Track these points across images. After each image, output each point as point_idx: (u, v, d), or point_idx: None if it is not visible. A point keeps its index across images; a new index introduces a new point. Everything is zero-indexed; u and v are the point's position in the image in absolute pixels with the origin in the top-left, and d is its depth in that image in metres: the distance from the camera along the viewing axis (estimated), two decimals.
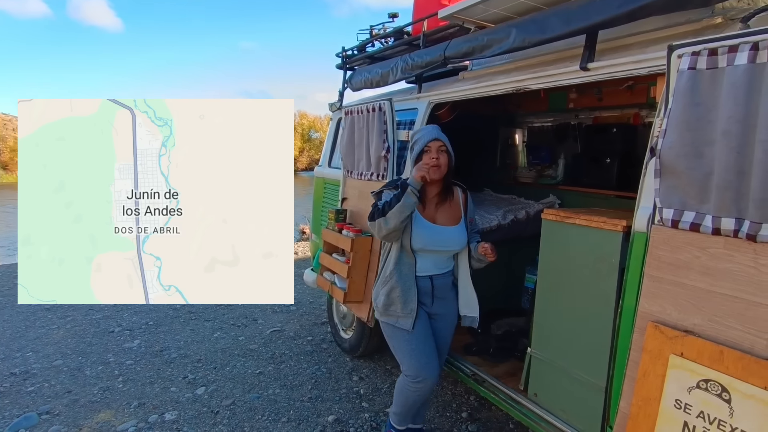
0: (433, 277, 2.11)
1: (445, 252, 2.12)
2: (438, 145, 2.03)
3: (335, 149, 3.94)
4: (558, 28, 1.86)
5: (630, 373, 1.52)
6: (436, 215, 2.11)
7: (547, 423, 2.04)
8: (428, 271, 2.11)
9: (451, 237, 2.09)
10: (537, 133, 4.11)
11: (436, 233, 2.07)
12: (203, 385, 3.14)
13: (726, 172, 1.25)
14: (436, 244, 2.08)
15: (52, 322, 4.26)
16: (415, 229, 2.04)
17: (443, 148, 2.04)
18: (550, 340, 2.09)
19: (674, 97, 1.36)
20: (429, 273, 2.11)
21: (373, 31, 3.47)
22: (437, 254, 2.11)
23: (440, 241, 2.08)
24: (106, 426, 2.68)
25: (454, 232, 2.09)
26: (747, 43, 1.19)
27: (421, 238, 2.04)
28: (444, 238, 2.08)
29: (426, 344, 2.10)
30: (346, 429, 2.66)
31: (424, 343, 2.09)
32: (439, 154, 2.03)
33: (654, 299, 1.46)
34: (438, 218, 2.10)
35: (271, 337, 3.97)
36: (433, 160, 2.01)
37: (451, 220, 2.11)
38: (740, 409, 1.23)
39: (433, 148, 2.03)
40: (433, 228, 2.07)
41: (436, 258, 2.12)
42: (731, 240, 1.28)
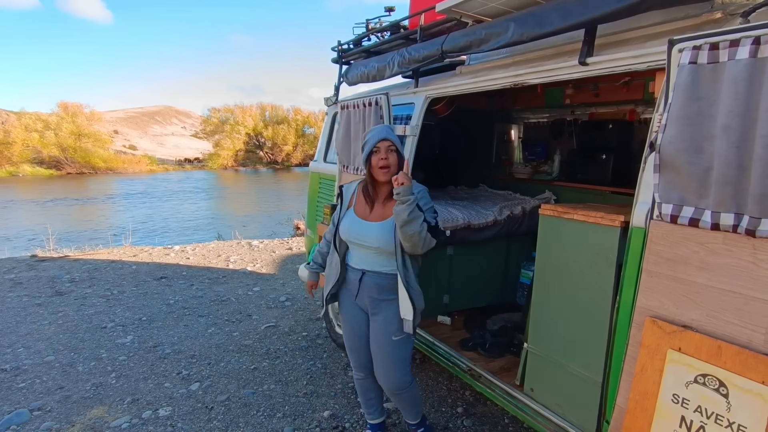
0: (365, 273, 2.10)
1: (366, 247, 2.07)
2: (387, 145, 2.02)
3: (330, 144, 3.91)
4: (557, 23, 1.85)
5: (627, 368, 1.53)
6: (373, 211, 2.09)
7: (544, 418, 2.04)
8: (359, 264, 2.12)
9: (369, 232, 2.04)
10: (533, 129, 4.11)
11: (356, 226, 2.09)
12: (197, 381, 3.12)
13: (726, 167, 1.25)
14: (356, 237, 2.08)
15: (43, 318, 4.21)
16: (342, 220, 2.14)
17: (392, 148, 2.03)
18: (546, 336, 2.09)
19: (674, 91, 1.36)
20: (360, 267, 2.12)
21: (369, 24, 3.43)
22: (363, 249, 2.10)
23: (359, 235, 2.07)
24: (99, 422, 2.65)
25: (374, 228, 2.04)
26: (748, 37, 1.18)
27: (344, 230, 2.12)
28: (363, 231, 2.06)
29: (354, 337, 2.23)
30: (341, 424, 2.65)
31: (352, 336, 2.24)
32: (388, 154, 2.02)
33: (652, 294, 1.46)
34: (371, 214, 2.09)
35: (266, 332, 3.95)
36: (382, 161, 2.01)
37: (381, 216, 2.07)
38: (738, 403, 1.24)
39: (382, 148, 2.02)
40: (355, 221, 2.10)
41: (364, 253, 2.10)
42: (730, 235, 1.28)
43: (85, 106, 38.15)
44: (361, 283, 2.11)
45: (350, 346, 2.28)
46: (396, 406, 2.34)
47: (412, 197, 1.89)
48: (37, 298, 4.76)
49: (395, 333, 2.08)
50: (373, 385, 2.32)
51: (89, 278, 5.51)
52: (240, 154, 42.31)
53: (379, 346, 2.13)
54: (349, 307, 2.22)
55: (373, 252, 2.07)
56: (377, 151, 2.03)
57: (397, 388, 2.15)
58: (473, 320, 3.12)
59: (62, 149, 33.70)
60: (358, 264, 2.13)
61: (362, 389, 2.37)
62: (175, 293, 4.98)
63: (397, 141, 2.06)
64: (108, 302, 4.67)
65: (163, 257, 6.66)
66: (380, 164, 2.02)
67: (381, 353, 2.13)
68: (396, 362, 2.12)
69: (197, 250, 7.15)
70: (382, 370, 2.15)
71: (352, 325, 2.23)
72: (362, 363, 2.27)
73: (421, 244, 1.93)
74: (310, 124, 43.14)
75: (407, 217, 1.87)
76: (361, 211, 2.12)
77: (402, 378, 2.14)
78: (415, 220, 1.89)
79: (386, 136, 2.03)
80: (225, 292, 5.06)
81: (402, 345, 2.11)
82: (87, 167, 34.47)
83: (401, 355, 2.13)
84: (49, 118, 35.72)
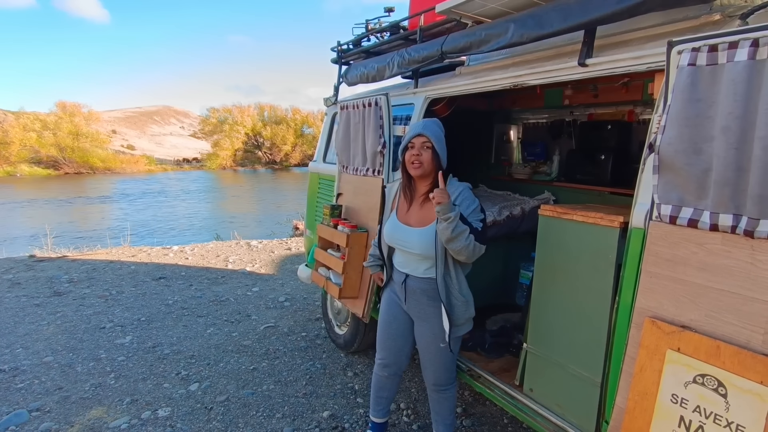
0: (408, 276, 2.10)
1: (408, 252, 2.05)
2: (422, 141, 1.97)
3: (330, 144, 3.91)
4: (556, 24, 1.85)
5: (627, 368, 1.53)
6: (414, 213, 2.06)
7: (543, 418, 2.05)
8: (403, 267, 2.12)
9: (411, 238, 2.01)
10: (532, 129, 4.12)
11: (397, 230, 2.07)
12: (197, 382, 3.11)
13: (725, 168, 1.25)
14: (398, 242, 2.07)
15: (42, 318, 4.21)
16: (385, 224, 2.14)
17: (427, 145, 1.97)
18: (545, 336, 2.10)
19: (674, 93, 1.36)
20: (404, 270, 2.12)
21: (369, 25, 3.44)
22: (404, 253, 2.09)
23: (400, 240, 2.05)
24: (98, 423, 2.65)
25: (415, 234, 1.99)
26: (747, 39, 1.19)
27: (387, 234, 2.11)
28: (405, 237, 2.03)
29: (390, 332, 2.23)
30: (341, 425, 2.66)
31: (388, 336, 2.24)
32: (422, 150, 1.97)
33: (651, 295, 1.47)
34: (412, 217, 2.06)
35: (265, 333, 3.95)
36: (413, 157, 1.98)
37: (422, 220, 2.02)
38: (736, 403, 1.25)
39: (417, 144, 1.98)
40: (397, 226, 2.08)
41: (406, 257, 2.09)
42: (729, 236, 1.29)
43: (83, 105, 38.17)
44: (407, 288, 2.10)
45: (385, 344, 2.27)
46: (432, 411, 2.30)
47: (452, 214, 1.79)
48: (36, 299, 4.75)
49: (443, 341, 2.07)
50: (392, 384, 2.34)
51: (88, 278, 5.50)
52: (238, 154, 42.31)
53: (428, 351, 2.14)
54: (393, 306, 2.21)
55: (415, 257, 2.05)
56: (411, 147, 1.99)
57: (443, 384, 2.20)
58: (473, 320, 3.12)
59: (60, 149, 33.65)
60: (402, 266, 2.12)
61: (378, 386, 2.36)
62: (173, 293, 4.98)
63: (435, 137, 1.98)
64: (106, 302, 4.66)
65: (162, 257, 6.65)
66: (411, 159, 1.98)
67: (431, 357, 2.15)
68: (446, 364, 2.16)
69: (196, 251, 7.14)
70: (431, 372, 2.18)
71: (391, 325, 2.23)
72: (391, 361, 2.28)
73: (469, 255, 1.88)
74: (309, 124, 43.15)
75: (451, 235, 1.80)
76: (402, 215, 2.10)
77: (449, 375, 2.20)
78: (460, 235, 1.81)
79: (422, 132, 1.97)
80: (224, 292, 5.05)
81: (448, 348, 2.12)
82: (85, 167, 34.43)
83: (451, 357, 2.15)
84: (47, 117, 35.69)
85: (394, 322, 2.22)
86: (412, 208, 2.09)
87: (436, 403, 2.27)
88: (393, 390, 2.38)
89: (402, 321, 2.21)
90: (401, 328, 2.21)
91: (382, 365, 2.31)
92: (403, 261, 2.12)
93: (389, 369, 2.29)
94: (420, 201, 2.06)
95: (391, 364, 2.28)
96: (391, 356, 2.27)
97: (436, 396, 2.25)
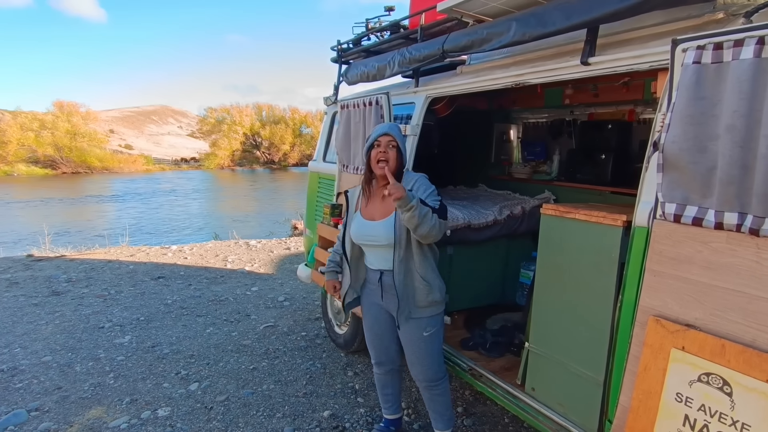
0: (383, 273, 2.12)
1: (377, 246, 2.09)
2: (387, 140, 2.04)
3: (330, 144, 3.91)
4: (559, 23, 1.85)
5: (630, 367, 1.53)
6: (377, 208, 2.12)
7: (545, 417, 2.04)
8: (376, 265, 2.15)
9: (376, 230, 2.06)
10: (532, 129, 4.12)
11: (363, 227, 2.11)
12: (196, 381, 3.10)
13: (730, 166, 1.25)
14: (366, 238, 2.11)
15: (40, 318, 4.19)
16: (351, 224, 2.17)
17: (393, 143, 2.04)
18: (548, 335, 2.09)
19: (678, 91, 1.36)
20: (378, 267, 2.14)
21: (369, 24, 3.43)
22: (374, 248, 2.11)
23: (368, 235, 2.09)
24: (98, 423, 2.64)
25: (379, 226, 2.06)
26: (753, 37, 1.19)
27: (354, 233, 2.14)
28: (370, 231, 2.08)
29: (375, 332, 2.27)
30: (341, 424, 2.65)
31: (375, 335, 2.28)
32: (388, 149, 2.04)
33: (655, 293, 1.46)
34: (375, 212, 2.11)
35: (265, 332, 3.94)
36: (380, 155, 2.03)
37: (384, 212, 2.09)
38: (742, 402, 1.24)
39: (383, 142, 2.04)
40: (362, 223, 2.12)
41: (376, 253, 2.12)
42: (734, 234, 1.29)
43: (80, 105, 38.02)
44: (383, 284, 2.13)
45: (372, 344, 2.33)
46: (429, 408, 2.31)
47: (413, 202, 1.85)
48: (34, 298, 4.73)
49: (426, 329, 2.10)
50: (392, 381, 2.40)
51: (86, 278, 5.48)
52: (237, 154, 42.25)
53: (413, 344, 2.15)
54: (372, 307, 2.24)
55: (384, 250, 2.08)
56: (378, 145, 2.05)
57: (433, 379, 2.19)
58: (473, 320, 3.12)
59: (58, 148, 33.53)
60: (374, 264, 2.15)
61: (381, 384, 2.42)
62: (173, 293, 4.96)
63: (399, 137, 2.08)
64: (105, 302, 4.64)
65: (161, 257, 6.63)
66: (378, 157, 2.03)
67: (416, 350, 2.15)
68: (432, 355, 2.16)
69: (195, 250, 7.13)
70: (418, 365, 2.17)
71: (376, 324, 2.27)
72: (383, 360, 2.34)
73: (437, 234, 1.94)
74: (308, 124, 43.11)
75: (418, 221, 1.85)
76: (364, 211, 2.15)
77: (438, 369, 2.20)
78: (425, 218, 1.86)
79: (388, 131, 2.06)
80: (223, 291, 5.04)
81: (434, 338, 2.14)
82: (83, 167, 34.32)
83: (436, 348, 2.17)
84: (45, 117, 35.56)
85: (376, 324, 2.26)
86: (373, 203, 2.14)
87: (431, 401, 2.28)
88: (396, 386, 2.43)
89: (384, 320, 2.23)
90: (384, 327, 2.25)
91: (376, 365, 2.38)
92: (374, 258, 2.15)
93: (384, 366, 2.36)
94: (381, 196, 2.12)
95: (384, 362, 2.34)
96: (382, 355, 2.33)
97: (429, 394, 2.25)
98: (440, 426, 2.30)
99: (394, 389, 2.43)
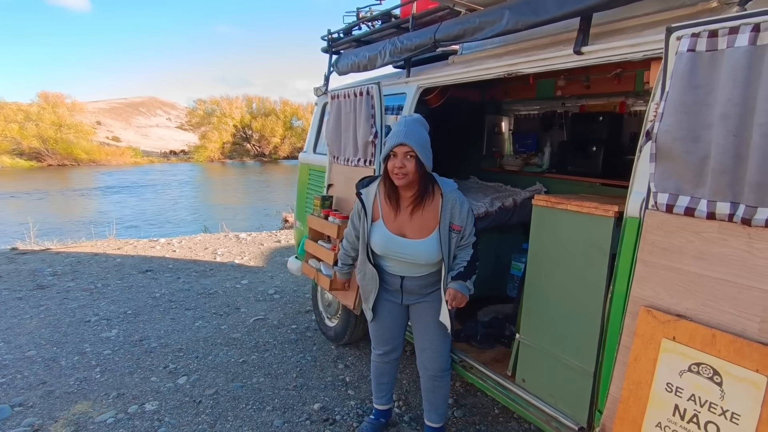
0: (405, 278, 2.09)
1: (411, 263, 2.02)
2: (404, 150, 1.87)
3: (320, 135, 3.86)
4: (552, 11, 1.82)
5: (621, 358, 1.53)
6: (407, 223, 1.99)
7: (535, 408, 2.05)
8: (399, 272, 2.09)
9: (412, 251, 1.97)
10: (523, 120, 4.10)
11: (391, 243, 1.99)
12: (185, 375, 3.07)
13: (723, 155, 1.24)
14: (393, 254, 2.02)
15: (24, 312, 4.11)
16: (373, 235, 2.03)
17: (411, 154, 1.87)
18: (538, 326, 2.09)
19: (672, 79, 1.34)
20: (400, 273, 2.09)
21: (359, 13, 3.38)
22: (403, 262, 2.04)
23: (397, 252, 2.00)
24: (84, 417, 2.59)
25: (418, 247, 1.95)
26: (748, 24, 1.17)
27: (379, 245, 2.03)
28: (402, 250, 1.99)
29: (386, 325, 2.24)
30: (332, 417, 2.63)
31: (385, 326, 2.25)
32: (405, 162, 1.87)
33: (646, 284, 1.46)
34: (407, 227, 1.99)
35: (255, 325, 3.90)
36: (397, 168, 1.88)
37: (420, 230, 1.97)
38: (731, 391, 1.24)
39: (399, 153, 1.88)
40: (389, 237, 1.99)
41: (403, 265, 2.05)
42: (726, 224, 1.28)
43: (66, 96, 37.35)
44: (403, 288, 2.11)
45: (383, 336, 2.28)
46: (425, 399, 2.30)
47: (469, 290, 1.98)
48: (18, 292, 4.64)
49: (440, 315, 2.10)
50: (391, 369, 2.38)
51: (72, 271, 5.39)
52: (227, 147, 41.85)
53: (428, 329, 2.14)
54: (386, 304, 2.20)
55: (419, 266, 2.04)
56: (394, 156, 1.90)
57: (442, 369, 2.19)
58: (464, 311, 3.11)
59: (43, 140, 32.93)
60: (396, 270, 2.09)
61: (379, 372, 2.39)
62: (161, 286, 4.90)
63: (418, 143, 1.87)
64: (91, 296, 4.57)
65: (149, 250, 6.55)
66: (395, 171, 1.89)
67: (430, 335, 2.13)
68: (444, 343, 2.16)
69: (183, 243, 7.05)
70: (431, 352, 2.16)
71: (389, 317, 2.22)
72: (387, 349, 2.31)
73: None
74: (299, 116, 42.79)
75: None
76: (391, 223, 2.02)
77: (447, 359, 2.20)
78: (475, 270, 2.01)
79: (404, 141, 1.86)
80: (212, 285, 4.99)
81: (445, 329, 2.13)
82: (69, 159, 33.76)
83: (447, 337, 2.17)
84: (30, 108, 34.87)
85: (389, 317, 2.22)
86: (401, 216, 2.01)
87: (431, 393, 2.26)
88: (393, 375, 2.42)
89: (396, 312, 2.22)
90: (396, 319, 2.23)
91: (383, 354, 2.33)
92: (399, 268, 2.08)
93: (389, 355, 2.34)
94: (409, 209, 1.99)
95: (392, 350, 2.32)
96: (390, 344, 2.30)
97: (432, 384, 2.23)
98: (434, 419, 2.30)
99: (390, 378, 2.41)
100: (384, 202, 2.04)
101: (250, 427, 2.54)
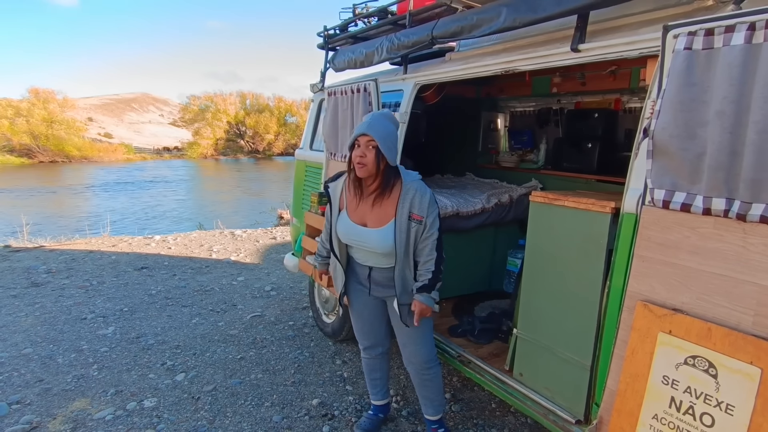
0: (372, 269, 2.11)
1: (368, 250, 2.05)
2: (366, 140, 1.89)
3: (317, 131, 3.86)
4: (549, 8, 1.84)
5: (618, 352, 1.55)
6: (368, 213, 2.02)
7: (533, 402, 2.07)
8: (365, 261, 2.12)
9: (368, 238, 2.00)
10: (519, 117, 4.13)
11: (352, 231, 2.04)
12: (183, 372, 3.07)
13: (719, 152, 1.26)
14: (354, 242, 2.06)
15: (19, 310, 4.09)
16: (338, 224, 2.09)
17: (372, 144, 1.88)
18: (536, 321, 2.12)
19: (669, 77, 1.36)
20: (367, 264, 2.12)
21: (356, 9, 3.37)
22: (364, 251, 2.07)
23: (357, 240, 2.04)
24: (82, 414, 2.59)
25: (373, 235, 1.98)
26: (744, 23, 1.19)
27: (342, 234, 2.09)
28: (361, 238, 2.02)
29: (363, 318, 2.27)
30: (330, 412, 2.65)
31: (364, 321, 2.28)
32: (366, 151, 1.89)
33: (643, 279, 1.48)
34: (368, 217, 2.01)
35: (252, 322, 3.91)
36: (358, 158, 1.91)
37: (379, 220, 1.99)
38: (726, 383, 1.27)
39: (362, 143, 1.91)
40: (352, 226, 2.04)
41: (366, 254, 2.08)
42: (721, 220, 1.30)
43: (57, 92, 36.85)
44: (371, 280, 2.13)
45: (362, 330, 2.32)
46: (419, 394, 2.31)
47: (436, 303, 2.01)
48: (12, 290, 4.61)
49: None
50: (381, 364, 2.40)
51: (67, 269, 5.36)
52: (220, 143, 41.57)
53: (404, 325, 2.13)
54: (360, 296, 2.23)
55: (377, 253, 2.05)
56: (357, 146, 1.93)
57: (426, 362, 2.19)
58: (461, 307, 3.14)
59: (34, 137, 32.53)
60: (364, 261, 2.13)
61: (369, 369, 2.42)
62: (157, 283, 4.88)
63: (380, 135, 1.88)
64: (87, 293, 4.55)
65: (144, 247, 6.52)
66: (356, 160, 1.92)
67: (408, 329, 2.12)
68: (425, 336, 2.16)
69: (179, 240, 7.02)
70: (412, 347, 2.17)
71: (365, 310, 2.25)
72: (372, 343, 2.33)
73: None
74: (292, 112, 42.57)
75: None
76: (353, 213, 2.06)
77: (430, 351, 2.20)
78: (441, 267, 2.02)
79: (366, 132, 1.88)
80: (209, 282, 4.98)
81: (426, 319, 2.12)
82: (60, 155, 33.39)
83: (429, 330, 2.18)
84: (20, 104, 34.42)
85: (365, 309, 2.25)
86: (363, 206, 2.03)
87: (422, 386, 2.26)
88: (385, 370, 2.43)
89: (372, 305, 2.23)
90: (373, 312, 2.25)
91: (366, 349, 2.37)
92: (364, 257, 2.12)
93: (373, 350, 2.35)
94: (371, 199, 2.01)
95: (373, 345, 2.35)
96: (371, 339, 2.33)
97: (420, 378, 2.23)
98: (430, 411, 2.31)
99: (382, 373, 2.43)
100: (348, 192, 2.09)
101: (249, 422, 2.55)
